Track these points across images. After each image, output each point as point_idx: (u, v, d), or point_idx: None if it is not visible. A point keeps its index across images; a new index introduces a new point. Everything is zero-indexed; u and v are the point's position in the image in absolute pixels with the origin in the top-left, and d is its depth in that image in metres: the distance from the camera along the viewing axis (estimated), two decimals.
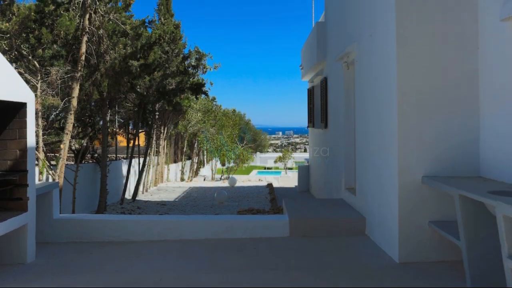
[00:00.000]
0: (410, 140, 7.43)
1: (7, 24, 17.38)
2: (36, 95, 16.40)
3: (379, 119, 8.66)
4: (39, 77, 17.57)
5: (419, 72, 7.46)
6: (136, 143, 30.88)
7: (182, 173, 46.87)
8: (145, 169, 31.18)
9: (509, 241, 4.81)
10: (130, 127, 35.83)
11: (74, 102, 18.16)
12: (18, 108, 7.51)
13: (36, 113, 16.84)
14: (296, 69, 29.57)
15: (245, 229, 9.35)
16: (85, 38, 18.58)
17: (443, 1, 7.48)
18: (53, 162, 20.75)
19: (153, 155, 35.03)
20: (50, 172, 18.29)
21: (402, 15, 7.52)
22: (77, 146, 25.80)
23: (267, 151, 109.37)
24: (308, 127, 22.63)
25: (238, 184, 37.48)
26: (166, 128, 36.09)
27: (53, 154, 26.35)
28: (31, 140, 7.64)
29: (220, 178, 51.41)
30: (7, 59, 8.92)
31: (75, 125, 23.36)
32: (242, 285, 6.65)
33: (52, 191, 9.10)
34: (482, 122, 7.35)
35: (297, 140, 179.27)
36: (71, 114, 18.08)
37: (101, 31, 19.58)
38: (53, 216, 9.15)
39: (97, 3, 19.00)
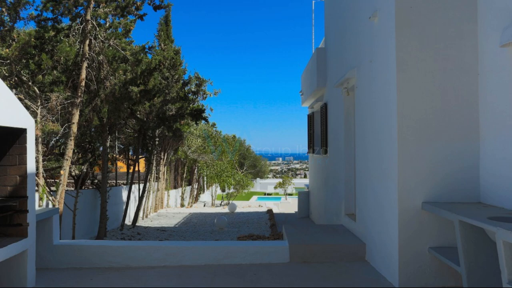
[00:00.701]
0: (410, 165, 7.46)
1: (7, 50, 17.43)
2: (36, 121, 16.44)
3: (379, 145, 8.69)
4: (39, 103, 17.59)
5: (419, 97, 7.50)
6: (136, 169, 30.87)
7: (182, 199, 46.80)
8: (145, 195, 31.13)
9: (509, 267, 4.81)
10: (130, 153, 35.85)
11: (74, 128, 18.18)
12: (18, 134, 7.53)
13: (36, 139, 16.86)
14: (296, 95, 29.67)
15: (245, 255, 9.34)
16: (85, 64, 18.62)
17: (443, 28, 7.54)
18: (53, 188, 20.74)
19: (153, 181, 34.99)
20: (50, 198, 18.26)
21: (402, 41, 7.57)
22: (77, 172, 25.78)
23: (267, 177, 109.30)
24: (308, 153, 22.66)
25: (238, 210, 37.45)
26: (166, 154, 36.09)
27: (53, 180, 26.37)
28: (31, 166, 7.65)
29: (220, 204, 51.31)
30: (7, 85, 8.96)
31: (75, 151, 23.38)
32: None
33: (52, 217, 9.10)
34: (482, 148, 7.38)
35: (297, 166, 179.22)
36: (71, 140, 18.09)
37: (101, 57, 19.63)
38: (53, 242, 9.15)
39: (97, 29, 19.07)
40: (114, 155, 33.05)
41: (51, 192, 19.28)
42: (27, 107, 17.14)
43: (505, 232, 4.78)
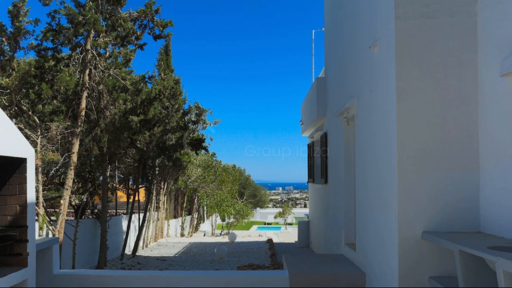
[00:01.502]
0: (410, 195, 7.46)
1: (7, 79, 17.47)
2: (36, 151, 16.44)
3: (379, 174, 8.70)
4: (39, 133, 17.59)
5: (419, 126, 7.52)
6: (136, 198, 30.80)
7: (182, 228, 46.65)
8: (145, 224, 31.03)
9: None
10: (130, 183, 35.81)
11: (74, 157, 18.18)
12: (18, 163, 7.55)
13: (36, 169, 16.86)
14: (296, 125, 29.72)
15: (245, 284, 9.32)
16: (85, 94, 18.66)
17: (443, 57, 7.58)
18: (53, 218, 20.71)
19: (153, 210, 34.88)
20: (50, 227, 18.22)
21: (402, 71, 7.61)
22: (77, 201, 25.72)
23: (267, 207, 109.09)
24: (308, 182, 22.65)
25: (238, 239, 37.36)
26: (166, 183, 36.01)
27: (53, 210, 26.31)
28: (31, 195, 7.66)
29: (220, 234, 51.16)
30: (7, 115, 8.99)
31: (75, 180, 23.35)
32: None
33: (52, 246, 9.09)
34: (482, 177, 7.39)
35: (297, 195, 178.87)
36: (71, 169, 18.09)
37: (101, 87, 19.67)
38: (53, 272, 9.14)
39: (97, 58, 19.12)
40: (114, 185, 33.03)
41: (51, 222, 19.26)
42: (27, 137, 17.15)
43: (505, 261, 4.78)
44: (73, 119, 18.92)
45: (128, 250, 29.07)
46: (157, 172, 32.08)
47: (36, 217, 17.48)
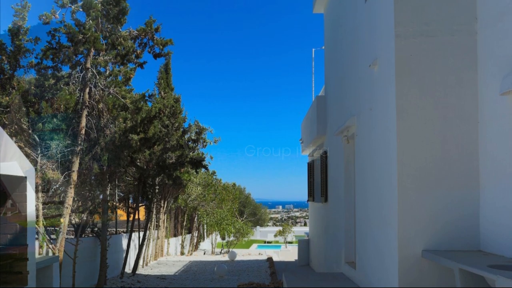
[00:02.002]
0: (410, 213, 7.46)
1: (7, 98, 17.47)
2: (36, 169, 16.43)
3: (379, 192, 8.70)
4: (39, 151, 17.57)
5: (419, 145, 7.54)
6: (136, 217, 30.72)
7: (182, 247, 46.50)
8: (145, 243, 30.92)
9: None
10: (130, 201, 35.72)
11: (74, 176, 18.16)
12: (18, 182, 7.55)
13: (36, 187, 16.85)
14: (296, 143, 29.70)
15: None
16: (85, 112, 18.62)
17: (443, 76, 7.62)
18: (53, 236, 20.65)
19: (153, 229, 34.78)
20: (50, 246, 18.14)
21: (402, 89, 7.63)
22: (77, 220, 25.66)
23: (267, 225, 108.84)
24: (308, 201, 22.62)
25: (238, 258, 37.25)
26: (166, 202, 35.93)
27: (53, 228, 26.26)
28: (31, 213, 7.66)
29: (220, 252, 51.09)
30: (7, 133, 9.00)
31: (75, 199, 23.31)
32: None
33: (52, 265, 9.10)
34: (482, 196, 7.39)
35: (297, 214, 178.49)
36: (71, 188, 18.07)
37: (101, 105, 19.63)
38: None
39: (97, 77, 19.10)
40: (114, 203, 32.93)
41: (51, 240, 19.21)
42: (27, 155, 17.14)
43: (505, 280, 4.78)
44: (73, 138, 18.90)
45: (128, 269, 29.01)
46: (157, 190, 32.04)
47: (36, 236, 17.46)
